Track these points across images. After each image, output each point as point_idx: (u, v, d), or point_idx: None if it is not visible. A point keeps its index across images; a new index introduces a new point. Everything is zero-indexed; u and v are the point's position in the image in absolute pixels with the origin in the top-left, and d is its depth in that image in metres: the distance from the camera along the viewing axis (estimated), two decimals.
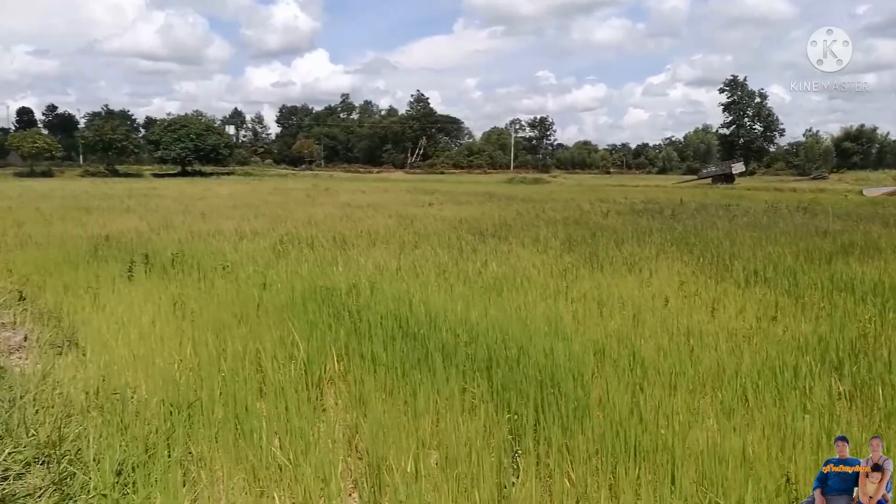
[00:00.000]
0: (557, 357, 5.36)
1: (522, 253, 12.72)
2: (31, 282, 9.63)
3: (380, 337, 5.85)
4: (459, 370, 5.12)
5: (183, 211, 21.54)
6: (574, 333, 6.55)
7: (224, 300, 7.94)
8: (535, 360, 5.31)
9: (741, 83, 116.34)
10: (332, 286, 8.20)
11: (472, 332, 6.27)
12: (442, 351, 5.52)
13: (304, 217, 19.30)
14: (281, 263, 10.59)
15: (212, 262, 10.45)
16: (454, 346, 5.71)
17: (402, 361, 5.32)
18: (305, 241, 13.68)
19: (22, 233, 14.58)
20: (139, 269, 9.80)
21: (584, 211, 22.67)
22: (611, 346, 6.12)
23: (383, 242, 14.12)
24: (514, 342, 5.93)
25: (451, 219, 19.29)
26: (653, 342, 6.34)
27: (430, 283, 9.20)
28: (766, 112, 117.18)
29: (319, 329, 6.19)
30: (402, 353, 5.48)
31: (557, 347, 5.60)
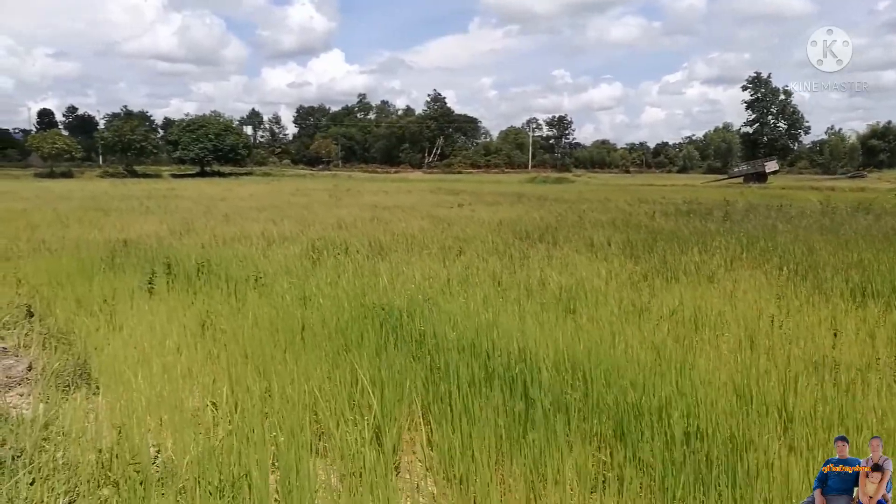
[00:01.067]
0: (704, 408, 4.12)
1: (579, 260, 11.47)
2: (42, 294, 8.56)
3: (461, 377, 4.63)
4: (581, 428, 3.90)
5: (204, 213, 20.51)
6: (693, 369, 5.31)
7: (261, 321, 6.79)
8: (676, 413, 4.07)
9: (765, 80, 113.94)
10: (387, 304, 7.00)
11: (569, 366, 5.06)
12: (544, 396, 4.30)
13: (331, 219, 18.18)
14: (318, 273, 9.44)
15: (241, 271, 9.33)
16: (559, 391, 4.49)
17: (499, 412, 4.12)
18: (339, 247, 12.53)
19: (35, 237, 13.59)
20: (160, 280, 8.70)
21: (627, 212, 21.32)
22: (748, 386, 4.87)
23: (423, 248, 12.94)
24: (627, 382, 4.71)
25: (488, 221, 18.06)
26: (793, 383, 5.08)
27: (491, 299, 7.99)
28: (791, 110, 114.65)
29: (385, 364, 4.99)
30: (498, 402, 4.26)
31: (697, 392, 4.36)
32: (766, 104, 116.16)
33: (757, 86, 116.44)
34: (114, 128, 79.19)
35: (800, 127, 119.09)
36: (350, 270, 9.98)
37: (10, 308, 8.26)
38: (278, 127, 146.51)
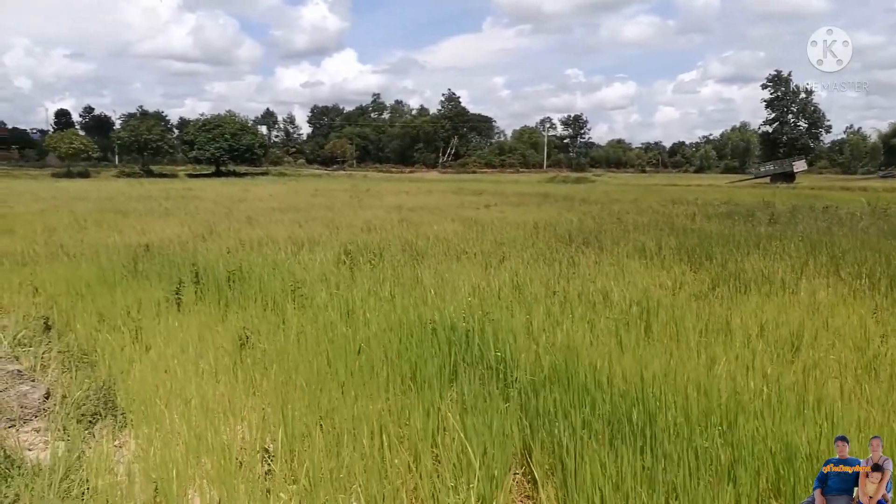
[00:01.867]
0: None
1: (634, 267, 10.61)
2: (60, 306, 7.86)
3: (571, 422, 3.81)
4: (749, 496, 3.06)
5: (226, 214, 19.83)
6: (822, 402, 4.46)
7: (305, 340, 6.01)
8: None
9: (785, 79, 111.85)
10: (447, 322, 6.19)
11: (684, 403, 4.23)
12: (682, 450, 3.47)
13: (358, 221, 17.42)
14: (358, 282, 8.65)
15: (275, 280, 8.57)
16: (688, 437, 3.66)
17: (627, 473, 3.29)
18: (373, 252, 11.76)
19: (53, 241, 12.93)
20: (188, 290, 7.96)
21: (664, 214, 20.39)
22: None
23: (461, 252, 12.14)
24: (766, 427, 3.87)
25: (522, 223, 17.21)
26: None
27: (555, 314, 7.17)
28: (812, 108, 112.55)
29: (469, 403, 4.18)
30: (624, 459, 3.43)
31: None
32: (787, 103, 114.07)
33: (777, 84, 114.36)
34: (130, 127, 78.96)
35: (821, 126, 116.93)
36: (391, 279, 9.20)
37: (26, 321, 7.56)
38: (293, 127, 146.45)
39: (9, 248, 12.01)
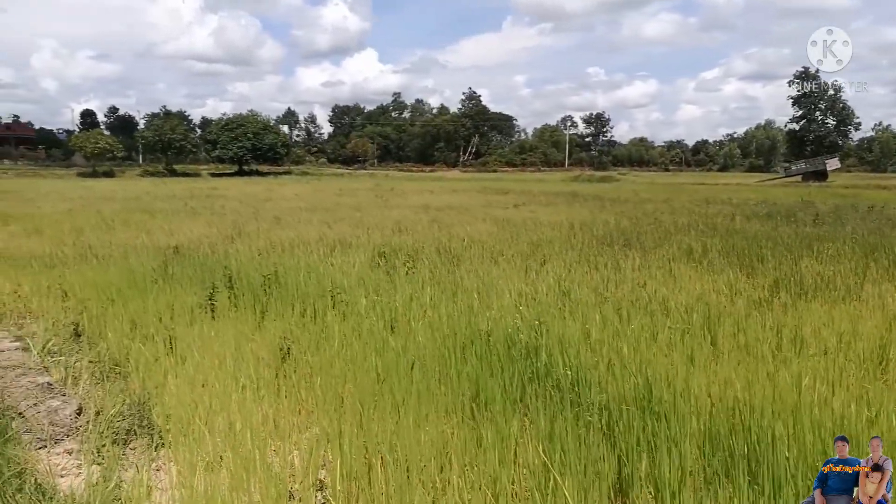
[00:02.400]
0: None
1: (683, 271, 10.07)
2: (90, 311, 7.55)
3: (683, 461, 3.33)
4: None
5: (253, 214, 19.57)
6: None
7: (353, 353, 5.61)
8: None
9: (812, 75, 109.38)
10: (502, 333, 5.75)
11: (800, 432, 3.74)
12: None
13: (387, 222, 17.04)
14: (397, 287, 8.24)
15: (312, 285, 8.19)
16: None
17: None
18: (407, 254, 11.35)
19: (82, 242, 12.72)
20: (222, 296, 7.60)
21: (702, 214, 19.73)
22: None
23: (497, 255, 11.69)
24: None
25: (556, 223, 16.70)
26: None
27: (612, 322, 6.69)
28: (841, 105, 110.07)
29: (542, 430, 3.73)
30: None
31: None
32: (814, 100, 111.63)
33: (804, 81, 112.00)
34: (154, 127, 79.60)
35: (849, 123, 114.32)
36: (429, 282, 8.77)
37: (55, 327, 7.27)
38: (314, 126, 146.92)
39: (37, 250, 11.81)
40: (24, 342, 6.62)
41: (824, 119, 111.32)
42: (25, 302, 8.45)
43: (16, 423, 4.67)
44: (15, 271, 9.93)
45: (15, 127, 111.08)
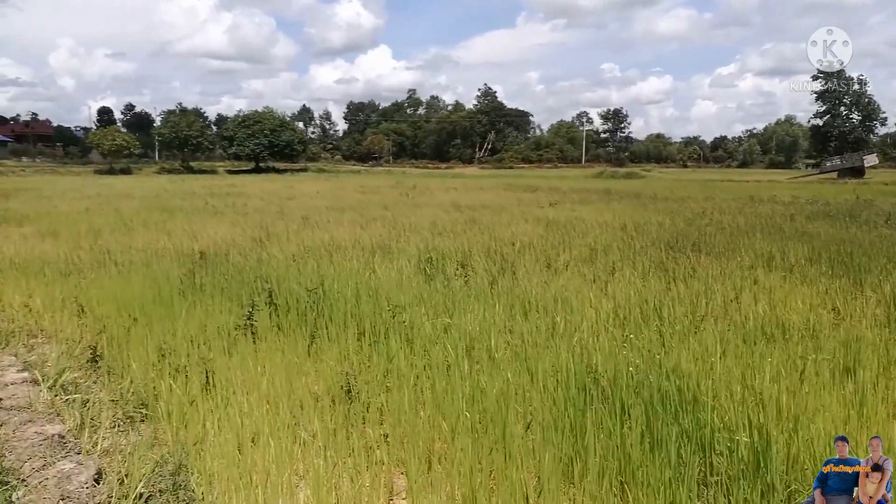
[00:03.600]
0: None
1: (772, 282, 8.85)
2: (110, 331, 6.51)
3: None
4: None
5: (278, 213, 18.54)
6: None
7: (434, 395, 4.50)
8: None
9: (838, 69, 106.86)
10: (617, 374, 4.60)
11: None
12: None
13: (422, 222, 15.92)
14: (459, 303, 7.12)
15: (362, 299, 7.08)
16: None
17: None
18: (455, 260, 10.24)
19: (99, 245, 11.72)
20: (262, 314, 6.53)
21: (757, 214, 18.41)
22: None
23: (551, 259, 10.54)
24: None
25: (605, 224, 15.50)
26: None
27: (729, 346, 5.54)
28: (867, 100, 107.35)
29: None
30: None
31: None
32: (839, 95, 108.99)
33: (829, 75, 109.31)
34: (171, 123, 79.00)
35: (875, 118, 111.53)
36: (494, 296, 7.64)
37: (70, 351, 6.24)
38: (329, 123, 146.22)
39: (52, 254, 10.83)
40: (32, 372, 5.58)
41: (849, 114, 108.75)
42: (37, 318, 7.44)
43: (17, 494, 3.62)
44: (27, 280, 8.93)
45: (34, 125, 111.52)
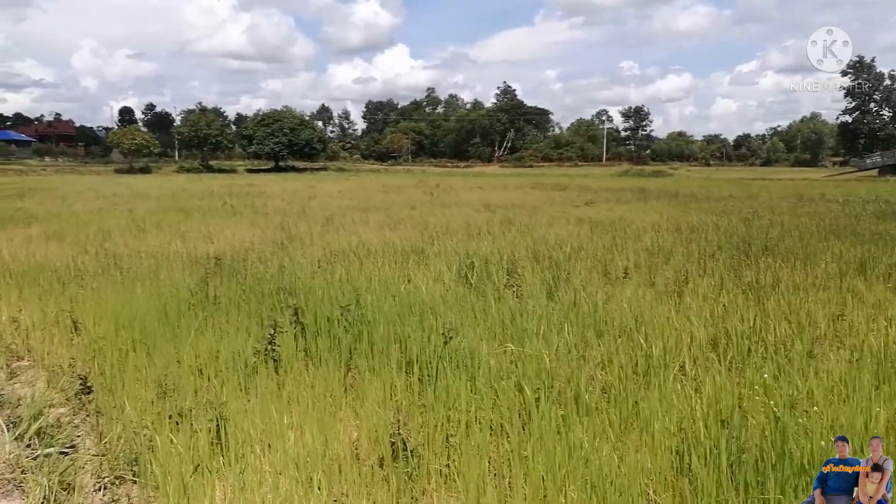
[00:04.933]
0: None
1: (875, 295, 7.55)
2: (105, 355, 5.44)
3: None
4: None
5: (299, 214, 17.49)
6: None
7: (512, 457, 3.33)
8: None
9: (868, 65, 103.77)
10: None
11: None
12: None
13: (454, 223, 14.75)
14: (518, 324, 5.93)
15: (405, 317, 5.92)
16: None
17: None
18: (501, 266, 9.06)
19: (106, 250, 10.71)
20: (286, 337, 5.39)
21: (815, 213, 16.98)
22: None
23: (607, 264, 9.32)
24: None
25: (653, 225, 14.21)
26: None
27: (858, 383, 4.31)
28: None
29: None
30: None
31: None
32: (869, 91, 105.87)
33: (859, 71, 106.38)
34: (190, 122, 78.63)
35: None
36: (556, 312, 6.45)
37: (56, 379, 5.17)
38: (347, 122, 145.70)
39: (53, 260, 9.82)
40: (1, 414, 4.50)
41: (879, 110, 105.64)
42: (25, 335, 6.40)
43: None
44: (19, 290, 7.92)
45: (57, 125, 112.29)
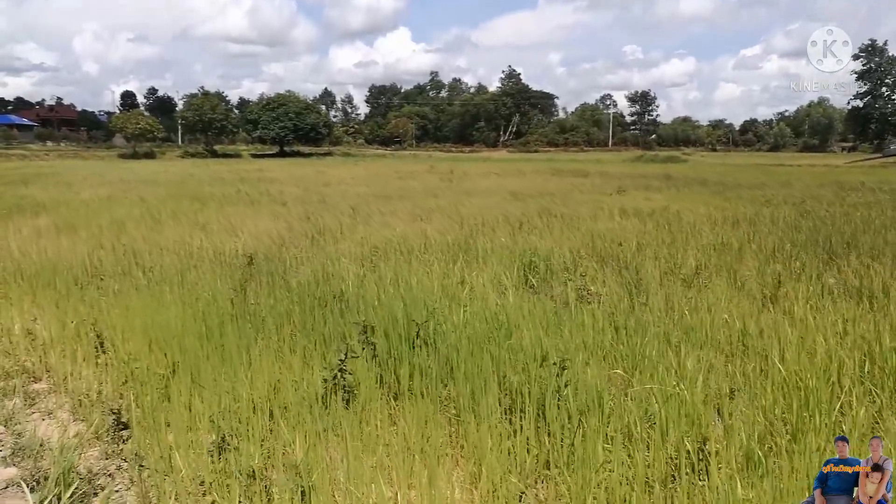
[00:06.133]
0: None
1: None
2: (139, 379, 4.57)
3: None
4: None
5: (320, 203, 16.55)
6: None
7: None
8: None
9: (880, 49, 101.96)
10: None
11: None
12: None
13: (489, 215, 13.79)
14: (634, 344, 5.05)
15: (496, 341, 5.03)
16: None
17: None
18: (563, 267, 8.17)
19: (124, 245, 9.81)
20: (359, 365, 4.50)
21: (874, 204, 16.02)
22: None
23: (674, 265, 8.42)
24: None
25: (708, 217, 13.25)
26: None
27: None
28: None
29: None
30: None
31: None
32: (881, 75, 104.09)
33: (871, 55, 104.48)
34: (194, 106, 77.22)
35: None
36: (658, 329, 5.57)
37: (81, 410, 4.32)
38: (350, 107, 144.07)
39: (66, 256, 8.93)
40: (22, 467, 3.64)
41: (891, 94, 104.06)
42: (43, 352, 5.53)
43: None
44: (33, 293, 7.04)
45: (58, 109, 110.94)
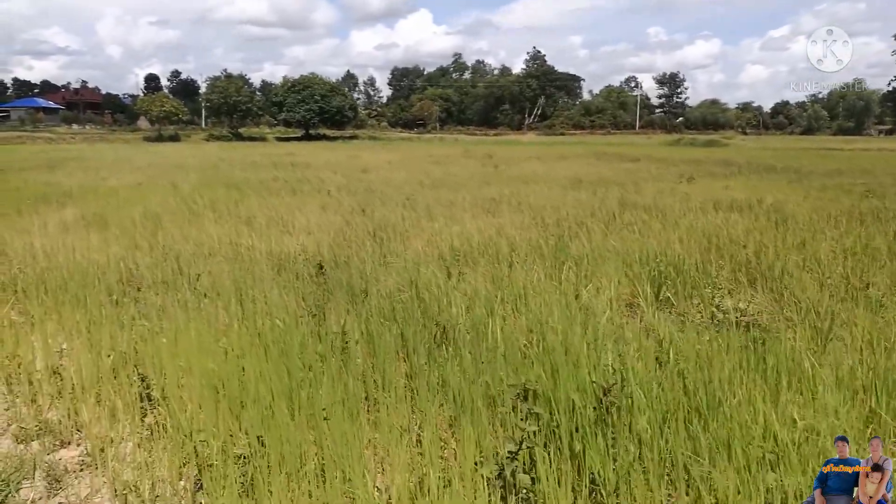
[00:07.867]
0: None
1: None
2: (207, 459, 3.21)
3: None
4: None
5: (367, 191, 15.13)
6: None
7: None
8: None
9: None
10: None
11: None
12: None
13: (563, 205, 12.26)
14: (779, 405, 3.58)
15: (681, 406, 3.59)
16: None
17: None
18: (701, 278, 6.68)
19: (161, 244, 8.49)
20: (537, 456, 3.09)
21: None
22: None
23: (824, 275, 6.89)
24: None
25: (813, 212, 11.63)
26: None
27: None
28: None
29: None
30: None
31: None
32: None
33: None
34: (219, 89, 75.94)
35: None
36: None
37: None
38: (373, 89, 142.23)
39: (97, 258, 7.61)
40: None
41: None
42: (74, 399, 4.22)
43: None
44: (58, 312, 5.73)
45: (83, 92, 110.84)
